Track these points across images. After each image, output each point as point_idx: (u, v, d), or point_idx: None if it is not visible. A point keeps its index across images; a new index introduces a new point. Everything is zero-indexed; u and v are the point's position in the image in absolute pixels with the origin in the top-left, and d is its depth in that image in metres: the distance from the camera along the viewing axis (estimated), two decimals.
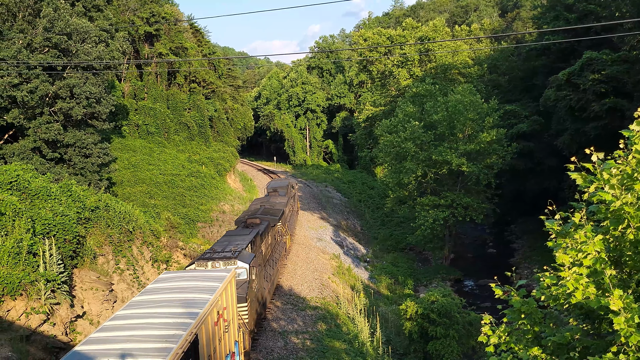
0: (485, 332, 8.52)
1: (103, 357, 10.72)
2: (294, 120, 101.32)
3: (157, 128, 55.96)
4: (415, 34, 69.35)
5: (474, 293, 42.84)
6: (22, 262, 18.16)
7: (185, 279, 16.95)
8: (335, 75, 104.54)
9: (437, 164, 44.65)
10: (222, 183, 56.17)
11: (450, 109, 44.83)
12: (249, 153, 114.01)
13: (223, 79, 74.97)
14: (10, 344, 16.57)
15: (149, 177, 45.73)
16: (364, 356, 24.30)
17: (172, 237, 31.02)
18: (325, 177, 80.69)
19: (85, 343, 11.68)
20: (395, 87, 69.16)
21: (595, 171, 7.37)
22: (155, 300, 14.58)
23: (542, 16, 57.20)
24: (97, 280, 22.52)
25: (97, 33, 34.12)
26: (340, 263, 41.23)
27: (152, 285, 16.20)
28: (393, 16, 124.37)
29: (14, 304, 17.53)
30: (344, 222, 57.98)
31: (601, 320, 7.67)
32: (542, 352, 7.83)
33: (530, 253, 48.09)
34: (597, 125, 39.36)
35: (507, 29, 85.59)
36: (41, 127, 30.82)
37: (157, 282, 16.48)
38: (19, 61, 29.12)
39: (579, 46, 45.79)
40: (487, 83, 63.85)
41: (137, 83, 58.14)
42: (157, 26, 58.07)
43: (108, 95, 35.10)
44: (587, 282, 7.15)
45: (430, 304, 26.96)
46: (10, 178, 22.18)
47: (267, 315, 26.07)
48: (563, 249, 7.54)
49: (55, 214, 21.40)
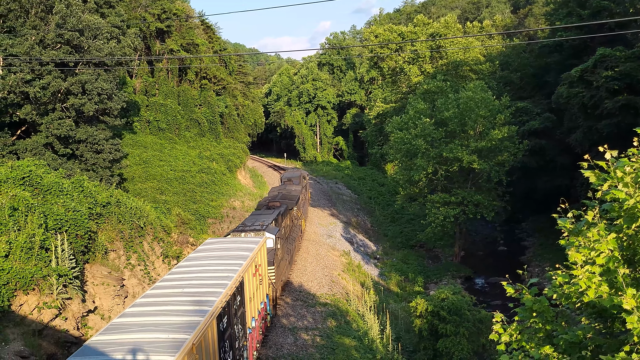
0: (497, 330, 8.48)
1: (185, 288, 15.44)
2: (304, 117, 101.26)
3: (168, 124, 56.15)
4: (426, 30, 69.02)
5: (484, 291, 42.69)
6: (34, 257, 18.30)
7: (227, 243, 21.83)
8: (345, 71, 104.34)
9: (447, 161, 44.48)
10: (233, 179, 56.30)
11: (461, 106, 44.61)
12: (259, 149, 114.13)
13: (234, 76, 75.09)
14: (23, 338, 16.72)
15: (160, 173, 45.90)
16: (374, 353, 24.29)
17: (183, 233, 31.16)
18: (336, 173, 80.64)
19: (171, 273, 17.37)
20: (406, 84, 68.96)
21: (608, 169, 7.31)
22: (207, 256, 19.33)
23: (555, 12, 56.77)
24: (108, 276, 22.66)
25: (109, 29, 34.26)
26: (350, 260, 41.22)
27: (201, 247, 21.14)
28: (404, 12, 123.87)
29: (27, 298, 17.67)
30: (354, 219, 57.95)
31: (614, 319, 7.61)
32: (554, 351, 7.79)
33: (541, 251, 47.83)
34: (610, 123, 39.03)
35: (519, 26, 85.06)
36: (53, 123, 31.01)
37: (205, 245, 21.46)
38: (31, 57, 29.32)
39: (592, 43, 45.45)
40: (499, 80, 63.47)
41: (148, 79, 58.34)
42: (168, 22, 58.23)
43: (119, 92, 35.25)
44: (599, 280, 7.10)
45: (440, 301, 26.88)
46: (23, 174, 22.35)
47: (277, 312, 26.16)
48: (575, 247, 7.49)
49: (67, 209, 21.54)
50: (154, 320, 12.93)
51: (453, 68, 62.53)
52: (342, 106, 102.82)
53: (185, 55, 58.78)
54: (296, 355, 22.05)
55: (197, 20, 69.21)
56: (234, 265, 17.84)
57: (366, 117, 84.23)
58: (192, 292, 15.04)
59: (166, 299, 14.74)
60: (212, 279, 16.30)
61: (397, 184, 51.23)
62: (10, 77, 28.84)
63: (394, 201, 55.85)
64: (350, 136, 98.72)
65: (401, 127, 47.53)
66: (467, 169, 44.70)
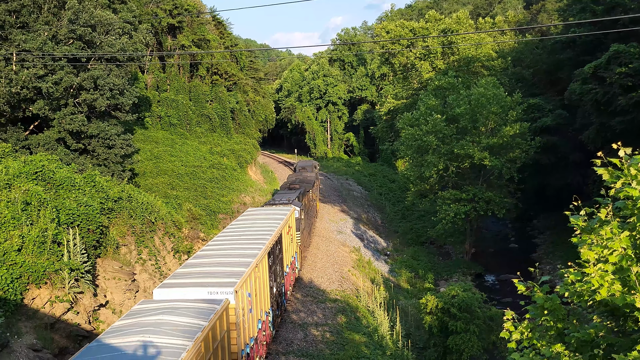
0: (508, 328, 8.45)
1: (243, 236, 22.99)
2: (315, 113, 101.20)
3: (179, 120, 56.32)
4: (438, 26, 68.58)
5: (495, 288, 42.55)
6: (46, 251, 18.45)
7: (266, 210, 29.49)
8: (357, 67, 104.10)
9: (459, 158, 44.29)
10: (243, 175, 56.41)
11: (473, 102, 44.39)
12: (270, 145, 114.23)
13: (245, 71, 75.13)
14: (35, 332, 16.87)
15: (171, 169, 46.06)
16: (384, 349, 24.28)
17: (194, 228, 31.28)
18: (346, 170, 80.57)
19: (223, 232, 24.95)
20: (418, 80, 68.63)
21: (622, 166, 7.25)
22: (253, 218, 27.29)
23: (568, 8, 56.24)
24: (119, 270, 22.79)
25: (121, 25, 34.38)
26: (361, 256, 41.21)
27: (246, 213, 29.63)
28: (416, 8, 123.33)
29: (39, 292, 17.82)
30: (364, 215, 57.90)
31: (626, 317, 7.56)
32: (565, 349, 7.74)
33: (552, 249, 47.56)
34: (623, 120, 38.68)
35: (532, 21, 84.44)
36: (66, 118, 31.18)
37: (249, 212, 29.96)
38: (44, 53, 29.49)
39: (606, 39, 44.94)
40: (511, 76, 63.03)
41: (159, 75, 58.52)
42: (179, 18, 58.34)
43: (131, 87, 35.38)
44: (612, 279, 7.05)
45: (450, 298, 26.81)
46: (36, 168, 22.52)
47: (287, 307, 26.23)
48: (588, 245, 7.44)
49: (79, 204, 21.68)
50: (227, 254, 20.05)
51: (465, 64, 62.16)
52: (352, 102, 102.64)
53: (196, 51, 58.89)
54: (306, 350, 22.08)
55: (209, 16, 69.29)
56: (274, 223, 25.17)
57: (377, 113, 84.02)
58: (249, 238, 22.47)
59: (232, 241, 22.27)
60: (261, 231, 23.58)
61: (408, 180, 51.10)
62: (24, 72, 29.04)
63: (405, 198, 55.71)
64: (361, 132, 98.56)
65: (412, 124, 47.36)
66: (479, 166, 44.50)
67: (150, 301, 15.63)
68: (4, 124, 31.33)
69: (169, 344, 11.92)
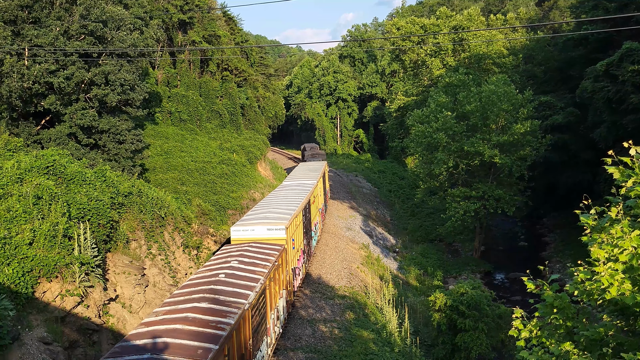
0: (516, 326, 8.44)
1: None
2: (325, 109, 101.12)
3: (189, 115, 56.47)
4: (449, 23, 68.28)
5: (504, 286, 42.42)
6: (57, 245, 18.59)
7: (309, 165, 52.34)
8: (367, 64, 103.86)
9: (469, 155, 44.11)
10: (253, 171, 56.50)
11: (483, 100, 44.19)
12: (279, 141, 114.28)
13: (255, 67, 75.22)
14: (46, 325, 17.01)
15: (181, 164, 46.20)
16: (392, 346, 24.30)
17: (203, 224, 31.38)
18: (356, 166, 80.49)
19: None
20: (428, 77, 68.41)
21: (633, 165, 7.21)
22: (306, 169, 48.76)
23: (581, 5, 55.85)
24: (129, 265, 22.93)
25: (132, 21, 34.49)
26: (369, 253, 41.20)
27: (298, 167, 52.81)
28: (427, 5, 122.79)
29: (50, 285, 17.97)
30: (373, 212, 57.86)
31: (636, 317, 7.53)
32: (574, 348, 7.72)
33: (562, 247, 47.33)
34: (635, 118, 38.39)
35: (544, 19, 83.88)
36: (77, 113, 31.35)
37: (301, 166, 52.27)
38: (56, 48, 29.64)
39: (618, 36, 44.61)
40: (522, 73, 62.69)
41: (170, 70, 58.69)
42: (190, 14, 58.46)
43: (142, 83, 35.49)
44: (622, 278, 7.02)
45: (459, 296, 26.77)
46: (47, 163, 22.68)
47: (296, 303, 26.28)
48: (598, 244, 7.41)
49: (89, 198, 21.82)
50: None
51: (476, 61, 61.85)
52: (362, 99, 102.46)
53: (207, 46, 58.99)
54: (314, 346, 22.14)
55: (219, 12, 69.38)
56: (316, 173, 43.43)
57: (387, 110, 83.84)
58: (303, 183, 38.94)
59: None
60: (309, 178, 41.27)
61: (418, 177, 50.97)
62: (35, 67, 29.21)
63: (414, 195, 55.61)
64: (370, 129, 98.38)
65: (422, 121, 47.24)
66: (489, 164, 44.32)
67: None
68: (15, 119, 31.55)
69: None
